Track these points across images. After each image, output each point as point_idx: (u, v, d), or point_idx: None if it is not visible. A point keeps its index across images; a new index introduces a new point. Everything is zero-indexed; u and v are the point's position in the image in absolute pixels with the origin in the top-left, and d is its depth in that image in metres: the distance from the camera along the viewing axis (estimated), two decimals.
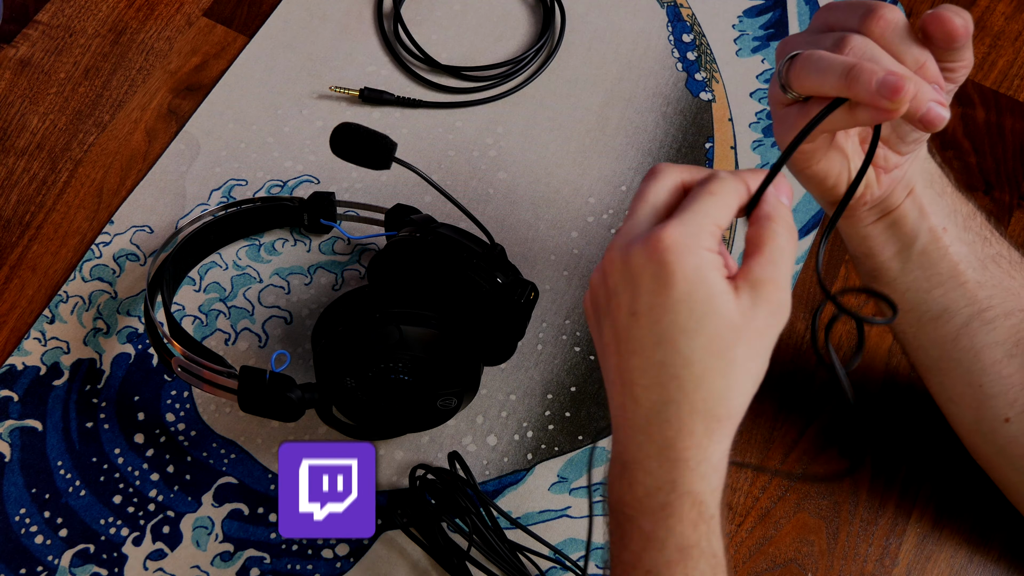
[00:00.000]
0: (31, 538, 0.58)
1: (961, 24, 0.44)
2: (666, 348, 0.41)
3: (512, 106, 0.74)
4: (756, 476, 0.61)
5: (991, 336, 0.53)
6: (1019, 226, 0.70)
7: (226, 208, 0.65)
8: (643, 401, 0.42)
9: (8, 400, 0.62)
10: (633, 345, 0.42)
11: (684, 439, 0.42)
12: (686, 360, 0.41)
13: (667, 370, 0.42)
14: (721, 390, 0.42)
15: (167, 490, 0.60)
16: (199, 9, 0.76)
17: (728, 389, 0.42)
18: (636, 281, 0.42)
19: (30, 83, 0.73)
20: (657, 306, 0.41)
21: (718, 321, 0.41)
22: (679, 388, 0.42)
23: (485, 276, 0.56)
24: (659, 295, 0.41)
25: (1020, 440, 0.53)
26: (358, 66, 0.75)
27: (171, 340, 0.56)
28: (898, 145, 0.51)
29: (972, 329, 0.53)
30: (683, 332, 0.41)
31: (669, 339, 0.41)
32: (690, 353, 0.41)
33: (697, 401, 0.42)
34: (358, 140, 0.55)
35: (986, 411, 0.54)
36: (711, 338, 0.41)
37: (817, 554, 0.59)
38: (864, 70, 0.43)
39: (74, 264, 0.66)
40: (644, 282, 0.41)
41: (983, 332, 0.53)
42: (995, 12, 0.79)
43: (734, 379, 0.42)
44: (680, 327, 0.41)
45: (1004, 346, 0.53)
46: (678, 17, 0.78)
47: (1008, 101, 0.75)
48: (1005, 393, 0.53)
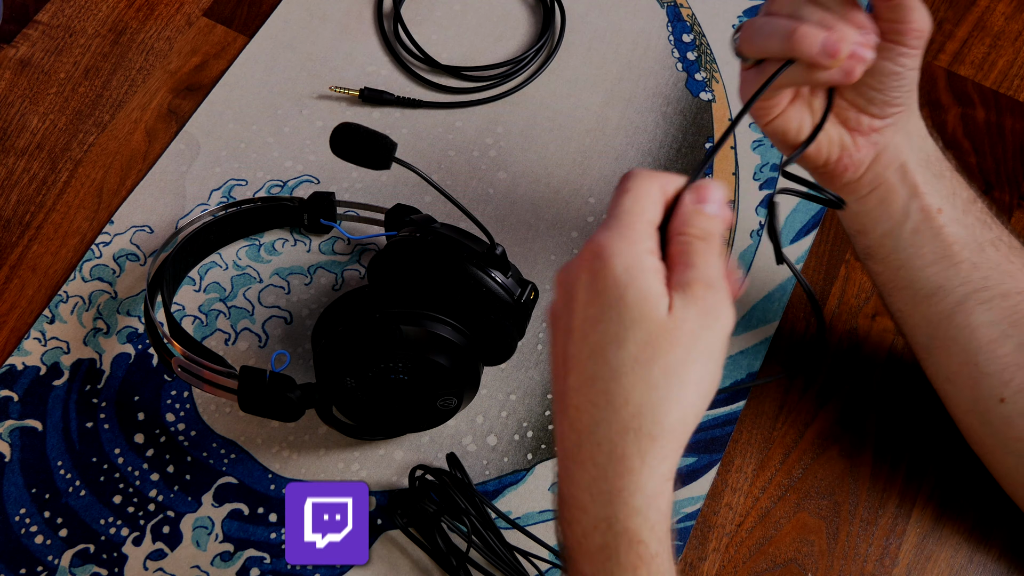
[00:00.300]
0: (31, 538, 0.58)
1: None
2: (597, 360, 0.38)
3: (512, 106, 0.74)
4: (756, 476, 0.61)
5: (986, 315, 0.53)
6: (1019, 226, 0.70)
7: (226, 208, 0.65)
8: (576, 424, 0.39)
9: (8, 400, 0.62)
10: (571, 363, 0.39)
11: (615, 464, 0.38)
12: (614, 372, 0.38)
13: (597, 385, 0.38)
14: (652, 404, 0.37)
15: (167, 490, 0.60)
16: (199, 9, 0.76)
17: (661, 402, 0.38)
18: (573, 294, 0.39)
19: (30, 83, 0.73)
20: (590, 317, 0.38)
21: (647, 326, 0.37)
22: (608, 404, 0.38)
23: (485, 276, 0.56)
24: (591, 304, 0.38)
25: (1015, 421, 0.53)
26: (358, 66, 0.75)
27: (171, 340, 0.56)
28: (867, 107, 0.52)
29: (967, 308, 0.53)
30: (612, 341, 0.38)
31: (600, 350, 0.38)
32: (618, 364, 0.38)
33: (626, 418, 0.38)
34: (358, 140, 0.55)
35: (982, 390, 0.54)
36: (640, 346, 0.37)
37: (817, 554, 0.59)
38: (806, 34, 0.45)
39: (74, 264, 0.66)
40: (579, 293, 0.39)
41: (978, 311, 0.53)
42: (995, 12, 0.79)
43: (667, 391, 0.38)
44: (611, 336, 0.38)
45: (1000, 326, 0.53)
46: (678, 17, 0.78)
47: (1008, 101, 0.75)
48: (1000, 372, 0.53)
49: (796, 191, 0.46)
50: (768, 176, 0.71)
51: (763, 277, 0.68)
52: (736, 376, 0.64)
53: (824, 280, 0.68)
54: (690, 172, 0.50)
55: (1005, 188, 0.71)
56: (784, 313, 0.67)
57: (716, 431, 0.62)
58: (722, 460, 0.62)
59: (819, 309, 0.52)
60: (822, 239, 0.69)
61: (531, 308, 0.58)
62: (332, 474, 0.60)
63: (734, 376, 0.64)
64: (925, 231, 0.54)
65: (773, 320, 0.66)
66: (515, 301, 0.56)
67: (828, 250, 0.69)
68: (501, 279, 0.56)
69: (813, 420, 0.63)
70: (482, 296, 0.55)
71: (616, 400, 0.38)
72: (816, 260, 0.68)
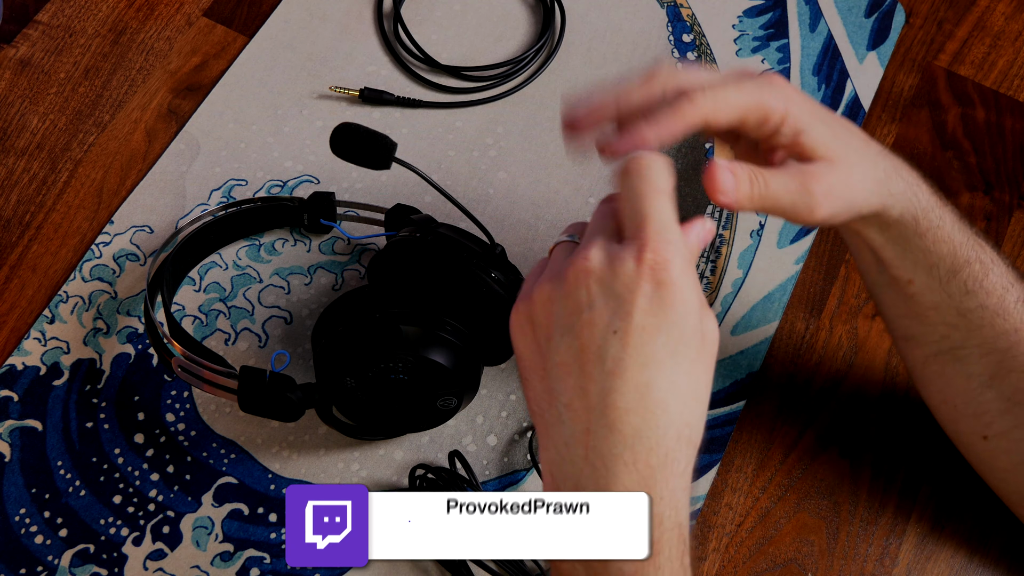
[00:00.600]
0: (31, 538, 0.58)
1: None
2: (652, 369, 0.39)
3: (512, 106, 0.74)
4: (756, 476, 0.61)
5: (963, 368, 0.52)
6: (1019, 226, 0.70)
7: (226, 208, 0.65)
8: (621, 426, 0.40)
9: (8, 400, 0.62)
10: (611, 365, 0.40)
11: (667, 468, 0.40)
12: (671, 383, 0.40)
13: (654, 393, 0.39)
14: (698, 415, 0.41)
15: (167, 490, 0.60)
16: (199, 9, 0.76)
17: (701, 415, 0.41)
18: (627, 297, 0.40)
19: (30, 83, 0.73)
20: (650, 326, 0.40)
21: (695, 343, 0.40)
22: (664, 412, 0.39)
23: (485, 276, 0.55)
24: (654, 315, 0.40)
25: (1000, 456, 0.53)
26: (358, 66, 0.75)
27: (171, 340, 0.56)
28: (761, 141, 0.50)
29: (941, 360, 0.53)
30: (671, 354, 0.40)
31: (658, 360, 0.40)
32: (675, 375, 0.40)
33: (683, 427, 0.40)
34: (358, 140, 0.55)
35: (963, 427, 0.54)
36: (690, 361, 0.40)
37: (817, 554, 0.59)
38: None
39: (74, 264, 0.66)
40: (638, 299, 0.40)
41: (953, 364, 0.52)
42: (995, 12, 0.79)
43: (703, 403, 0.41)
44: (670, 348, 0.40)
45: (979, 378, 0.52)
46: (678, 17, 0.78)
47: (1008, 101, 0.75)
48: (981, 416, 0.52)
49: None
50: None
51: (763, 277, 0.68)
52: (736, 376, 0.64)
53: (824, 280, 0.68)
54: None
55: (1005, 188, 0.71)
56: (784, 313, 0.67)
57: (716, 431, 0.62)
58: (722, 460, 0.62)
59: None
60: (822, 239, 0.69)
61: None
62: (332, 474, 0.60)
63: (734, 376, 0.64)
64: (896, 293, 0.53)
65: (773, 320, 0.66)
66: (515, 301, 0.56)
67: (828, 250, 0.69)
68: (501, 279, 0.56)
69: (813, 420, 0.63)
70: (482, 296, 0.55)
71: (672, 408, 0.39)
72: (816, 260, 0.68)
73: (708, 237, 0.44)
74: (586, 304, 0.41)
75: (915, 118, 0.74)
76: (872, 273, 0.54)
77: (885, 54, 0.76)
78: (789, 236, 0.69)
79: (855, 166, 0.48)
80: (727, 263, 0.68)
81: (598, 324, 0.40)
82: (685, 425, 0.40)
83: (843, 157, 0.48)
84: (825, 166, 0.48)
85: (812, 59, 0.76)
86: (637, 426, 0.39)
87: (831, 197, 0.47)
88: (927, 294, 0.51)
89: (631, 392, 0.39)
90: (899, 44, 0.77)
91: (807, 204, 0.47)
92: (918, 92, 0.75)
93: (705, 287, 0.67)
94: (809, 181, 0.47)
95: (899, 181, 0.50)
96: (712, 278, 0.67)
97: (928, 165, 0.72)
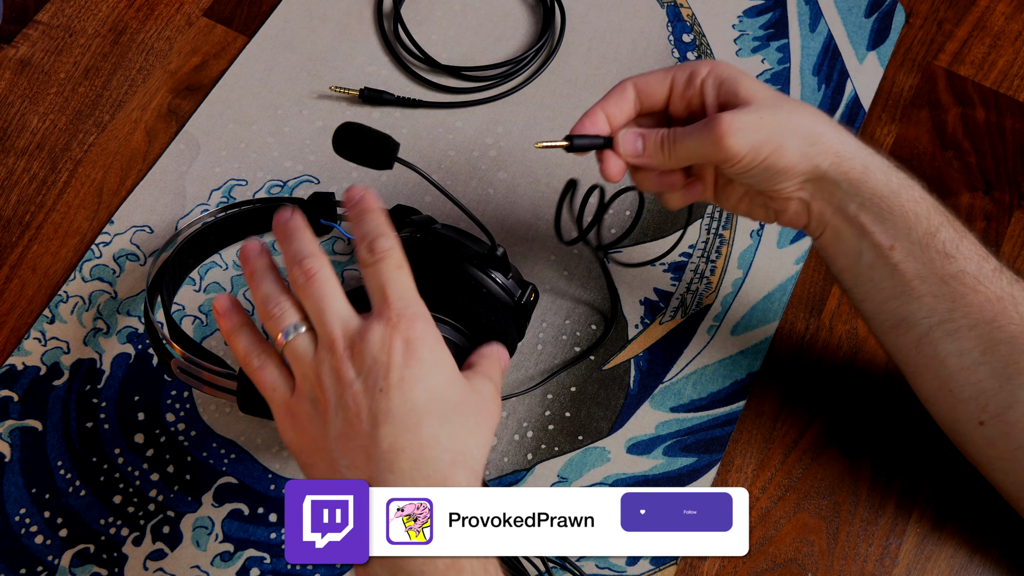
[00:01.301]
0: (31, 538, 0.58)
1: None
2: (419, 413, 0.45)
3: (512, 106, 0.74)
4: (756, 476, 0.61)
5: (955, 345, 0.52)
6: (1019, 226, 0.70)
7: (226, 209, 0.65)
8: (400, 464, 0.44)
9: (8, 400, 0.62)
10: (382, 418, 0.45)
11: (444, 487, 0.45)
12: (440, 421, 0.45)
13: (423, 431, 0.44)
14: (475, 444, 0.46)
15: (167, 490, 0.60)
16: (199, 9, 0.76)
17: (481, 443, 0.46)
18: (382, 358, 0.45)
19: (30, 83, 0.73)
20: (409, 377, 0.45)
21: (456, 380, 0.47)
22: (436, 445, 0.45)
23: (485, 277, 0.56)
24: (410, 367, 0.45)
25: (996, 442, 0.53)
26: (358, 66, 0.75)
27: (170, 342, 0.56)
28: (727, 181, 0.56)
29: (933, 339, 0.53)
30: (434, 398, 0.45)
31: (421, 405, 0.45)
32: (443, 415, 0.45)
33: (456, 454, 0.45)
34: (361, 139, 0.55)
35: (959, 413, 0.54)
36: (458, 399, 0.46)
37: (817, 554, 0.59)
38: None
39: (74, 264, 0.66)
40: (394, 357, 0.45)
41: (946, 341, 0.53)
42: (995, 12, 0.79)
43: (479, 433, 0.46)
44: (431, 393, 0.45)
45: (971, 354, 0.52)
46: (678, 17, 0.78)
47: (1008, 101, 0.75)
48: (976, 397, 0.52)
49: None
50: None
51: (763, 277, 0.68)
52: (736, 376, 0.64)
53: (824, 280, 0.68)
54: None
55: (1005, 188, 0.71)
56: (784, 313, 0.67)
57: (716, 431, 0.62)
58: (722, 460, 0.62)
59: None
60: None
61: (531, 309, 0.58)
62: None
63: (734, 376, 0.64)
64: (880, 267, 0.53)
65: (773, 320, 0.66)
66: (515, 302, 0.56)
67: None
68: (501, 280, 0.56)
69: (813, 420, 0.63)
70: (482, 297, 0.55)
71: (442, 441, 0.45)
72: (816, 260, 0.68)
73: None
74: (348, 380, 0.46)
75: (915, 118, 0.74)
76: (854, 263, 0.54)
77: (885, 54, 0.76)
78: (789, 236, 0.69)
79: (780, 109, 0.51)
80: (727, 263, 0.68)
81: (364, 390, 0.45)
82: (459, 453, 0.45)
83: (765, 100, 0.52)
84: (741, 108, 0.51)
85: (812, 59, 0.76)
86: (414, 460, 0.44)
87: (744, 131, 0.50)
88: (910, 261, 0.53)
89: (402, 435, 0.44)
90: (899, 44, 0.77)
91: (713, 141, 0.50)
92: (918, 92, 0.75)
93: (705, 287, 0.67)
94: (716, 119, 0.50)
95: (850, 139, 0.53)
96: (712, 278, 0.67)
97: (928, 165, 0.72)
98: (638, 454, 0.62)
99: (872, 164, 0.52)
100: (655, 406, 0.63)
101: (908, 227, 0.53)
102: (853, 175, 0.52)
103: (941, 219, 0.53)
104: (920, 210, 0.53)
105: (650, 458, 0.62)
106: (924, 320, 0.53)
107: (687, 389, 0.64)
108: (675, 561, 0.59)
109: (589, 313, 0.66)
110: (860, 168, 0.52)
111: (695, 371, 0.64)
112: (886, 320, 0.55)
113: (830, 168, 0.52)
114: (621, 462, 0.61)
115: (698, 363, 0.65)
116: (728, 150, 0.50)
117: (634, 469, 0.61)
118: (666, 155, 0.53)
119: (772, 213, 0.56)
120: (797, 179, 0.53)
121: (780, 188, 0.53)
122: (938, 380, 0.54)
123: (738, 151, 0.50)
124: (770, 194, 0.54)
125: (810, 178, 0.53)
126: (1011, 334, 0.51)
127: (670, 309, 0.66)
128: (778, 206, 0.55)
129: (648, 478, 0.61)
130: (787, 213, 0.55)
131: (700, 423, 0.63)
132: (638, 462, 0.61)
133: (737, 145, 0.50)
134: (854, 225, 0.53)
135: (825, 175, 0.52)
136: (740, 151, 0.50)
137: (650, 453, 0.62)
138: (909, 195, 0.53)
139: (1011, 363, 0.51)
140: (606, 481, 0.61)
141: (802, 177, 0.52)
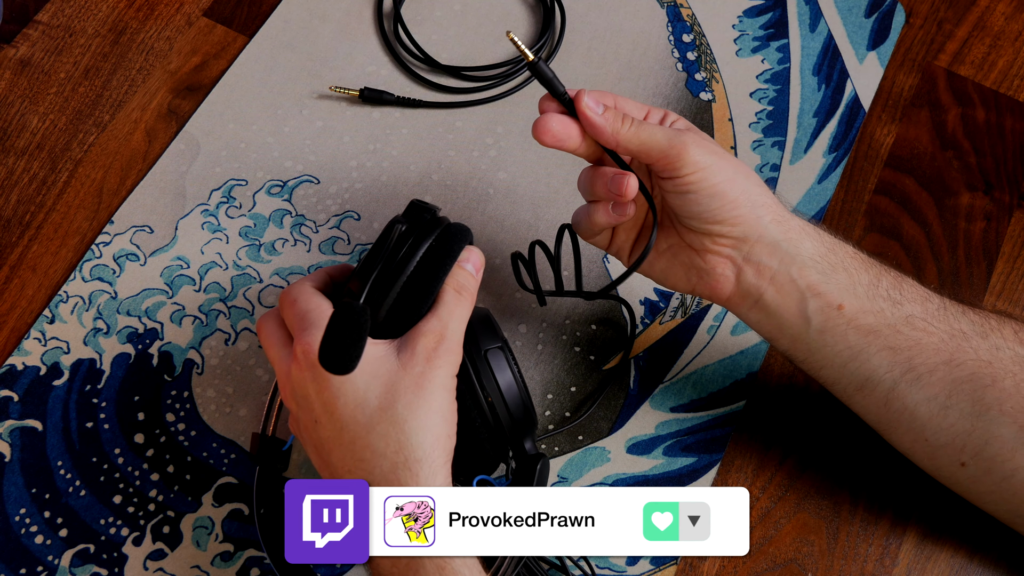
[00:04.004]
0: (31, 538, 0.58)
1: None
2: (349, 426, 0.47)
3: (512, 106, 0.74)
4: (756, 476, 0.61)
5: (922, 393, 0.52)
6: (1019, 226, 0.70)
7: None
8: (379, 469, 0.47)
9: (8, 400, 0.62)
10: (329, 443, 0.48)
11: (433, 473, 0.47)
12: (367, 426, 0.47)
13: (358, 443, 0.47)
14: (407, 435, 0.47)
15: (167, 490, 0.60)
16: (199, 9, 0.76)
17: (413, 432, 0.47)
18: (302, 392, 0.48)
19: (30, 83, 0.73)
20: (329, 399, 0.47)
21: (381, 380, 0.47)
22: (374, 453, 0.47)
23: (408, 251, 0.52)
24: (327, 390, 0.47)
25: (981, 479, 0.53)
26: (358, 66, 0.75)
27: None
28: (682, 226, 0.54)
29: (900, 392, 0.53)
30: (357, 405, 0.47)
31: (348, 418, 0.47)
32: (367, 419, 0.47)
33: (392, 455, 0.46)
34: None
35: (940, 459, 0.54)
36: (380, 397, 0.47)
37: (817, 554, 0.59)
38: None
39: (74, 264, 0.66)
40: (308, 391, 0.48)
41: (913, 391, 0.52)
42: (995, 12, 0.79)
43: (414, 422, 0.47)
44: (353, 403, 0.47)
45: (937, 400, 0.52)
46: (678, 17, 0.78)
47: (1008, 101, 0.75)
48: (952, 441, 0.52)
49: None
50: (768, 176, 0.71)
51: None
52: (736, 376, 0.64)
53: None
54: None
55: (1005, 188, 0.71)
56: None
57: (716, 431, 0.63)
58: (722, 460, 0.62)
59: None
60: None
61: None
62: None
63: (734, 376, 0.64)
64: (832, 329, 0.53)
65: None
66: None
67: None
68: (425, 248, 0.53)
69: (813, 420, 0.63)
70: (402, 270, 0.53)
71: (378, 446, 0.46)
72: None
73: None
74: (297, 417, 0.50)
75: (915, 118, 0.74)
76: (802, 333, 0.54)
77: (885, 54, 0.76)
78: None
79: (735, 168, 0.53)
80: None
81: (308, 425, 0.49)
82: (397, 452, 0.47)
83: (716, 151, 0.53)
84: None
85: (812, 59, 0.76)
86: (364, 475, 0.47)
87: (704, 149, 0.51)
88: (861, 316, 0.52)
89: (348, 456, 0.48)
90: (899, 44, 0.77)
91: (678, 137, 0.51)
92: (918, 92, 0.75)
93: None
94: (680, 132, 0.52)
95: (787, 210, 0.54)
96: None
97: (928, 165, 0.72)
98: (638, 454, 0.62)
99: (807, 227, 0.54)
100: (655, 406, 0.63)
101: (852, 282, 0.53)
102: (792, 234, 0.53)
103: (878, 269, 0.54)
104: (858, 263, 0.53)
105: (650, 458, 0.62)
106: (887, 375, 0.53)
107: (687, 389, 0.64)
108: (675, 561, 0.59)
109: (589, 313, 0.66)
110: (798, 228, 0.53)
111: (695, 371, 0.64)
112: (850, 383, 0.54)
113: (771, 223, 0.53)
114: (621, 462, 0.61)
115: (698, 363, 0.65)
116: (689, 155, 0.51)
117: (634, 469, 0.61)
118: (625, 128, 0.52)
119: (694, 274, 0.55)
120: (736, 226, 0.52)
121: (717, 228, 0.52)
122: (912, 432, 0.53)
123: (698, 160, 0.51)
124: (703, 240, 0.53)
125: (748, 238, 0.53)
126: (970, 371, 0.51)
127: (670, 309, 0.66)
128: (704, 263, 0.54)
129: (648, 478, 0.61)
130: (711, 275, 0.54)
131: (700, 423, 0.63)
132: (638, 462, 0.61)
133: (698, 155, 0.51)
134: (796, 289, 0.53)
135: (765, 233, 0.52)
136: (699, 161, 0.51)
137: (650, 453, 0.62)
138: (844, 251, 0.54)
139: (977, 400, 0.51)
140: (606, 481, 0.61)
141: (741, 228, 0.52)
